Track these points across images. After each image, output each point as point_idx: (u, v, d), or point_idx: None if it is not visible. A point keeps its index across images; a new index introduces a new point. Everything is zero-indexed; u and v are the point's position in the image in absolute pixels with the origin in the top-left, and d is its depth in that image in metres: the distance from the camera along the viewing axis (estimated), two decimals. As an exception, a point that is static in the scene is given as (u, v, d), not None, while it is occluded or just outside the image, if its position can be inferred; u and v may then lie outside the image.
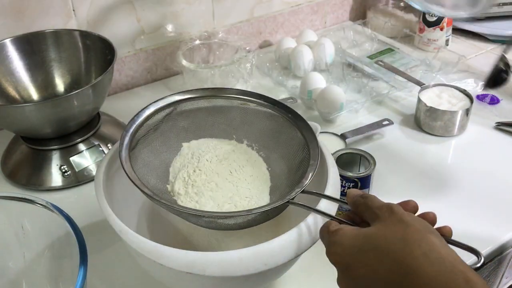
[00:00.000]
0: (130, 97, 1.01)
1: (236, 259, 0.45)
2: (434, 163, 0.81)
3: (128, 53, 1.01)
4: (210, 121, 0.63)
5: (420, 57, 1.07)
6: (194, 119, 0.63)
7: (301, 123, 0.59)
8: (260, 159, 0.63)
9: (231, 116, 0.63)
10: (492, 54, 1.13)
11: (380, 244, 0.38)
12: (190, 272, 0.44)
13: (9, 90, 0.82)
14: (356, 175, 0.66)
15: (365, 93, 0.96)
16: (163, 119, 0.60)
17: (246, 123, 0.63)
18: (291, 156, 0.60)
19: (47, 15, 0.88)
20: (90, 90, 0.72)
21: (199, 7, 1.04)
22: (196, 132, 0.63)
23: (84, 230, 0.51)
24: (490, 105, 0.95)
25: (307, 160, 0.55)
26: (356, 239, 0.40)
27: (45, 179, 0.76)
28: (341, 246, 0.40)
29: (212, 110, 0.63)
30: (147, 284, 0.62)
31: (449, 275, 0.34)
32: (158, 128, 0.60)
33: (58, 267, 0.56)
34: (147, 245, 0.46)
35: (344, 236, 0.40)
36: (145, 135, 0.58)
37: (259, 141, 0.63)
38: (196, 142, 0.63)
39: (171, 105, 0.60)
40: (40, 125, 0.73)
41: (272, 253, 0.46)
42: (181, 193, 0.57)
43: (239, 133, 0.64)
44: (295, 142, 0.59)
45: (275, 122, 0.62)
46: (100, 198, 0.52)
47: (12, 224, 0.57)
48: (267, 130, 0.63)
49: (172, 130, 0.61)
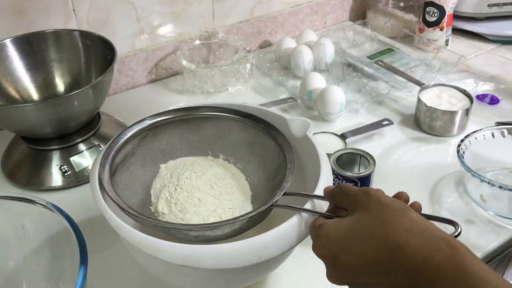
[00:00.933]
0: (130, 97, 1.01)
1: (230, 252, 0.45)
2: (434, 163, 0.81)
3: (128, 53, 1.01)
4: (185, 140, 0.66)
5: (420, 57, 1.07)
6: (168, 140, 0.65)
7: (273, 132, 0.61)
8: (238, 171, 0.65)
9: (204, 133, 0.66)
10: (492, 54, 1.13)
11: (363, 228, 0.39)
12: (185, 265, 0.45)
13: (9, 90, 0.82)
14: (356, 175, 0.66)
15: (365, 93, 0.96)
16: (139, 143, 0.62)
17: (220, 138, 0.66)
18: (268, 164, 0.62)
19: (47, 15, 0.88)
20: (90, 90, 0.72)
21: (199, 7, 1.04)
22: (172, 152, 0.65)
23: (84, 230, 0.51)
24: (490, 105, 0.95)
25: (283, 165, 0.57)
26: (339, 229, 0.41)
27: (45, 179, 0.76)
28: (326, 238, 0.41)
29: (185, 129, 0.65)
30: (147, 284, 0.62)
31: (433, 244, 0.36)
32: (135, 152, 0.62)
33: (58, 267, 0.56)
34: (143, 239, 0.47)
35: (328, 228, 0.42)
36: (123, 161, 0.60)
37: (235, 154, 0.66)
38: (173, 162, 0.65)
39: (145, 129, 0.62)
40: (40, 125, 0.73)
41: (265, 246, 0.46)
42: (165, 213, 0.58)
43: (214, 148, 0.67)
44: (270, 151, 0.62)
45: (248, 134, 0.64)
46: (95, 194, 0.52)
47: (12, 224, 0.57)
48: (241, 142, 0.65)
49: (148, 153, 0.63)
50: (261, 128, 0.62)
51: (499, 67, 1.07)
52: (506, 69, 1.07)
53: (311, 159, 0.58)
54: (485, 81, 1.01)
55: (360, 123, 0.88)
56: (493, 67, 1.07)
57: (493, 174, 0.77)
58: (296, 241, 0.48)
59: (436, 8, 1.09)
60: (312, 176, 0.56)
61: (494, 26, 1.17)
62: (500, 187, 0.66)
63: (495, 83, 1.01)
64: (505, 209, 0.69)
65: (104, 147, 0.58)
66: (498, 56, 1.12)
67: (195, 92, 1.00)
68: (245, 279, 0.56)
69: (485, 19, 1.18)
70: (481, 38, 1.18)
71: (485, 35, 1.17)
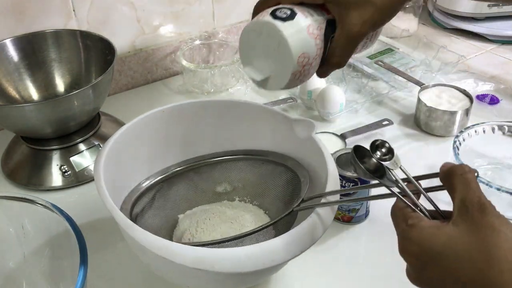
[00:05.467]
0: (130, 97, 1.01)
1: (244, 255, 0.45)
2: (434, 163, 0.81)
3: (128, 53, 1.01)
4: (200, 189, 0.67)
5: (420, 57, 1.07)
6: (183, 191, 0.66)
7: (282, 158, 0.63)
8: (255, 207, 0.66)
9: (216, 178, 0.67)
10: (492, 54, 1.13)
11: (464, 252, 0.35)
12: (198, 268, 0.45)
13: (9, 90, 0.82)
14: (356, 175, 0.66)
15: (365, 93, 0.96)
16: (154, 196, 0.63)
17: (232, 181, 0.67)
18: (283, 191, 0.63)
19: (47, 15, 0.88)
20: (90, 90, 0.72)
21: (199, 7, 1.04)
22: (188, 202, 0.67)
23: (84, 230, 0.51)
24: (490, 105, 0.95)
25: (298, 184, 0.58)
26: (436, 239, 0.36)
27: (45, 179, 0.76)
28: (418, 245, 0.37)
29: (198, 178, 0.67)
30: (148, 284, 0.62)
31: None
32: (152, 205, 0.63)
33: (58, 267, 0.56)
34: (156, 241, 0.46)
35: (423, 234, 0.37)
36: (141, 211, 0.61)
37: (249, 192, 0.67)
38: (190, 212, 0.66)
39: (158, 183, 0.63)
40: (40, 125, 0.73)
41: (278, 250, 0.46)
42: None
43: (229, 191, 0.68)
44: (282, 177, 0.63)
45: (259, 169, 0.66)
46: (102, 194, 0.51)
47: (12, 224, 0.57)
48: (253, 180, 0.66)
49: (165, 206, 0.64)
50: (269, 159, 0.63)
51: (499, 67, 1.07)
52: (506, 69, 1.07)
53: (315, 160, 0.58)
54: (485, 81, 1.01)
55: (360, 123, 0.88)
56: (493, 67, 1.07)
57: (483, 169, 0.78)
58: (309, 245, 0.48)
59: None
60: (318, 177, 0.56)
61: (494, 26, 1.17)
62: (487, 184, 0.66)
63: (495, 83, 1.01)
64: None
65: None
66: (498, 56, 1.12)
67: (195, 92, 1.00)
68: (253, 280, 0.56)
69: (485, 19, 1.18)
70: (481, 38, 1.18)
71: (485, 35, 1.17)
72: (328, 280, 0.62)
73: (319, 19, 0.49)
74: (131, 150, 0.62)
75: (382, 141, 0.43)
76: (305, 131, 0.60)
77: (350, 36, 0.48)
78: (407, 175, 0.42)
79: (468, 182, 0.37)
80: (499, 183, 0.66)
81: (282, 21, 0.47)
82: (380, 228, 0.69)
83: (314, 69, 0.50)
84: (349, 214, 0.69)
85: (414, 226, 0.38)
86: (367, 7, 0.47)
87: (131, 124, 0.62)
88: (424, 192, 0.41)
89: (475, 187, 0.37)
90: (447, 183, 0.39)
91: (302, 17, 0.48)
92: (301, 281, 0.62)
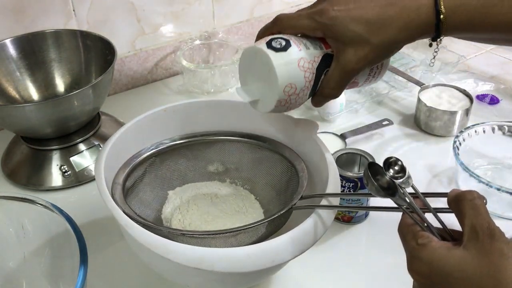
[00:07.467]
0: (130, 97, 1.01)
1: (244, 255, 0.45)
2: (434, 163, 0.81)
3: (128, 53, 1.01)
4: (191, 166, 0.67)
5: (420, 57, 1.07)
6: (175, 167, 0.66)
7: (279, 147, 0.62)
8: (247, 192, 0.66)
9: (209, 157, 0.67)
10: (492, 54, 1.13)
11: (473, 274, 0.35)
12: (198, 268, 0.45)
13: (9, 90, 0.82)
14: (356, 175, 0.66)
15: (365, 93, 0.96)
16: (146, 170, 0.63)
17: (226, 162, 0.67)
18: (276, 180, 0.63)
19: (47, 15, 0.88)
20: (90, 90, 0.72)
21: (199, 7, 1.04)
22: (179, 179, 0.66)
23: (84, 230, 0.51)
24: (490, 105, 0.95)
25: (295, 176, 0.58)
26: (446, 261, 0.36)
27: (45, 179, 0.76)
28: (428, 266, 0.37)
29: (190, 155, 0.66)
30: (148, 284, 0.62)
31: None
32: (143, 179, 0.62)
33: (58, 267, 0.56)
34: (156, 241, 0.46)
35: (433, 255, 0.37)
36: (132, 186, 0.60)
37: (241, 176, 0.67)
38: (180, 188, 0.66)
39: (152, 156, 0.63)
40: (40, 125, 0.73)
41: (278, 250, 0.46)
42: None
43: (221, 172, 0.67)
44: (277, 166, 0.63)
45: (254, 154, 0.65)
46: (103, 193, 0.51)
47: (12, 224, 0.57)
48: (247, 164, 0.66)
49: (155, 180, 0.64)
50: (266, 146, 0.63)
51: (499, 67, 1.07)
52: (506, 69, 1.07)
53: (315, 160, 0.58)
54: (485, 81, 1.01)
55: (360, 123, 0.88)
56: (493, 67, 1.07)
57: (483, 169, 0.78)
58: (309, 245, 0.48)
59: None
60: (318, 177, 0.56)
61: (494, 26, 1.17)
62: (487, 184, 0.66)
63: (495, 83, 1.01)
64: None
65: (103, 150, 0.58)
66: (498, 56, 1.12)
67: (195, 92, 1.00)
68: (253, 280, 0.56)
69: (485, 19, 1.18)
70: (481, 38, 1.18)
71: (485, 35, 1.17)
72: (328, 280, 0.62)
73: (314, 52, 0.50)
74: (131, 150, 0.62)
75: (395, 158, 0.44)
76: (307, 131, 0.60)
77: (343, 71, 0.50)
78: (418, 194, 0.43)
79: (477, 208, 0.38)
80: (499, 183, 0.66)
81: (275, 51, 0.49)
82: (380, 228, 0.69)
83: (302, 99, 0.52)
84: (349, 214, 0.69)
85: (425, 246, 0.38)
86: (364, 45, 0.48)
87: (131, 124, 0.62)
88: (434, 212, 0.41)
89: (485, 212, 0.37)
90: (456, 208, 0.39)
91: (296, 49, 0.49)
92: (301, 281, 0.62)
